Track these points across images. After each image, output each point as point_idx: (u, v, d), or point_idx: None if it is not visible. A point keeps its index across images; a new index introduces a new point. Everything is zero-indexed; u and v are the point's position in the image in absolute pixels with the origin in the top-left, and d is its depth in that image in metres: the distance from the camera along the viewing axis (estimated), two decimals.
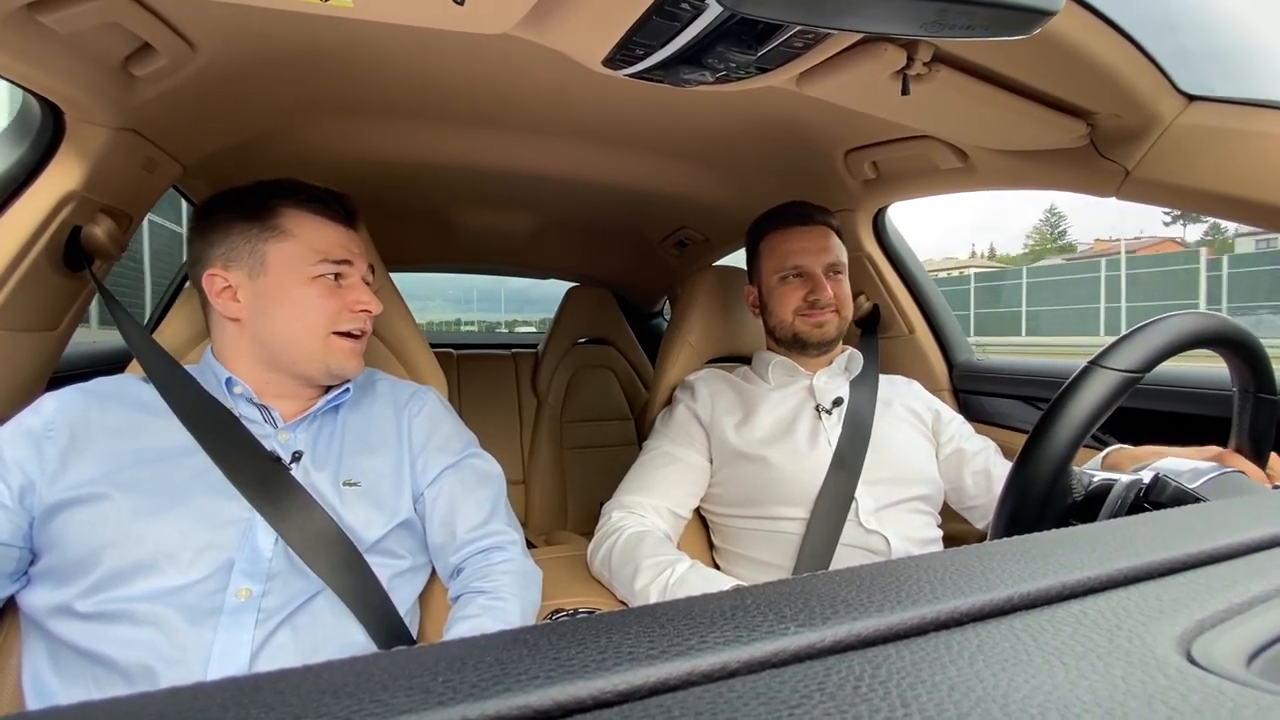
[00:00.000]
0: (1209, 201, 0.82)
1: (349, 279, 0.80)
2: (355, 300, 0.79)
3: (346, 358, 0.79)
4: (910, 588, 0.23)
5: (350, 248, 0.81)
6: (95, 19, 0.67)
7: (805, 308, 1.08)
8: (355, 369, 0.81)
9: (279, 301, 0.76)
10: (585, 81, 0.87)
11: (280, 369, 0.78)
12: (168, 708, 0.16)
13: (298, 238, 0.77)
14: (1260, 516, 0.32)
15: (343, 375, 0.80)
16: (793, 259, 1.09)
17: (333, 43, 0.85)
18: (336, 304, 0.78)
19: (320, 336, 0.77)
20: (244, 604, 0.65)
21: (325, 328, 0.77)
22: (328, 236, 0.79)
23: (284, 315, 0.76)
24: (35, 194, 0.79)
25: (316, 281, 0.77)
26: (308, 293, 0.77)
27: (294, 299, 0.76)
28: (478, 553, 0.82)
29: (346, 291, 0.79)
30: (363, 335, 0.81)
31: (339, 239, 0.80)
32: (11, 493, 0.64)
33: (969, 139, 1.00)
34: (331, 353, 0.78)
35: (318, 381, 0.80)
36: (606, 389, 2.10)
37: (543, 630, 0.21)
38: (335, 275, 0.79)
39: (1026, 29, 0.54)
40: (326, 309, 0.77)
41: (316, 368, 0.78)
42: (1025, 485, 0.51)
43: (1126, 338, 0.53)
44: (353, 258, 0.81)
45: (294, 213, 0.78)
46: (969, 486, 1.06)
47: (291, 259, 0.77)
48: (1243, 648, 0.21)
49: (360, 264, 0.82)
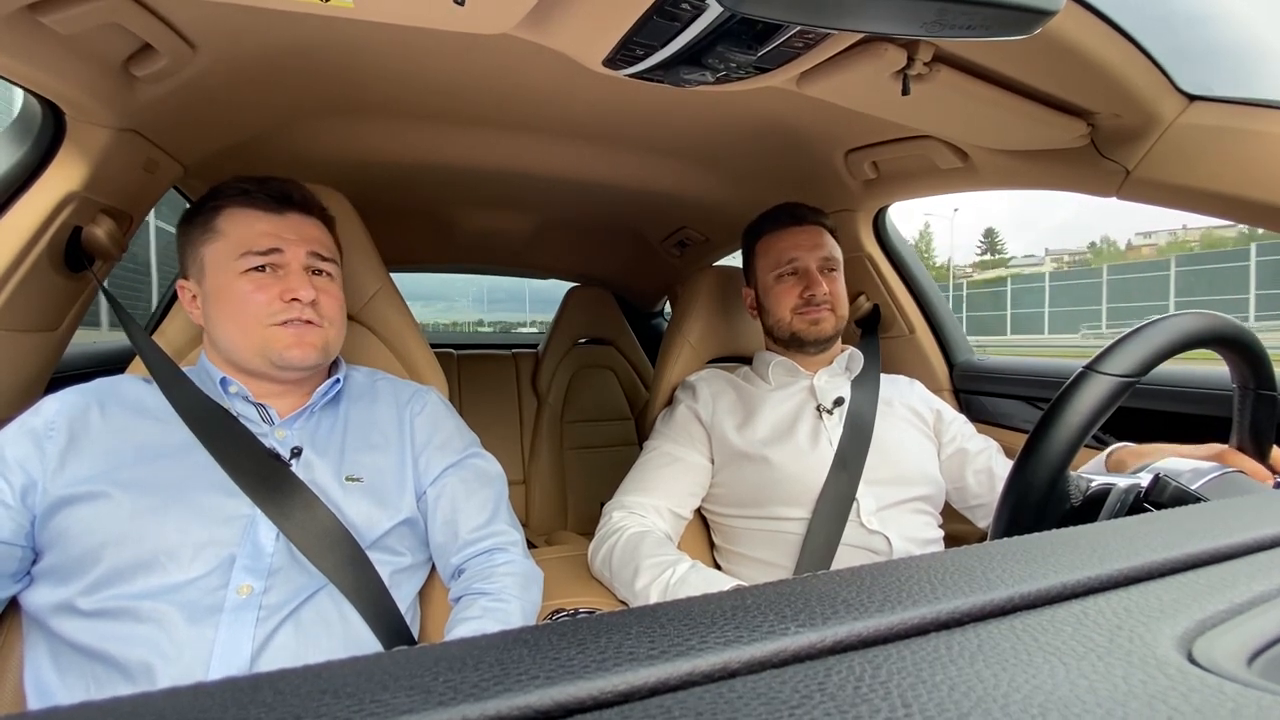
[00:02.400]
0: (1210, 201, 0.82)
1: (283, 268, 0.76)
2: (285, 289, 0.75)
3: (286, 347, 0.75)
4: (911, 588, 0.23)
5: (281, 234, 0.77)
6: (96, 19, 0.67)
7: (802, 305, 1.09)
8: (304, 358, 0.76)
9: (218, 302, 0.75)
10: (585, 82, 0.87)
11: (242, 369, 0.77)
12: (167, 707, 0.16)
13: (226, 235, 0.76)
14: (1261, 516, 0.32)
15: (292, 366, 0.76)
16: (787, 256, 1.10)
17: (333, 43, 0.85)
18: (266, 296, 0.74)
19: (257, 331, 0.74)
20: (245, 601, 0.65)
21: (261, 322, 0.74)
22: (252, 227, 0.76)
23: (224, 315, 0.75)
24: (36, 194, 0.79)
25: (246, 276, 0.74)
26: (239, 289, 0.74)
27: (229, 297, 0.74)
28: (480, 553, 0.82)
29: (279, 281, 0.75)
30: (306, 324, 0.76)
31: (265, 228, 0.76)
32: (14, 491, 0.65)
33: (969, 139, 1.00)
34: (270, 346, 0.74)
35: (277, 377, 0.78)
36: (607, 389, 2.10)
37: (543, 630, 0.21)
38: (265, 266, 0.75)
39: (1027, 29, 0.54)
40: (257, 302, 0.74)
41: (263, 363, 0.75)
42: (1023, 491, 0.51)
43: (1121, 342, 0.53)
44: (283, 244, 0.76)
45: (228, 210, 0.77)
46: (972, 486, 1.06)
47: (221, 258, 0.75)
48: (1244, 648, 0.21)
49: (295, 250, 0.77)
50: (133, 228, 0.98)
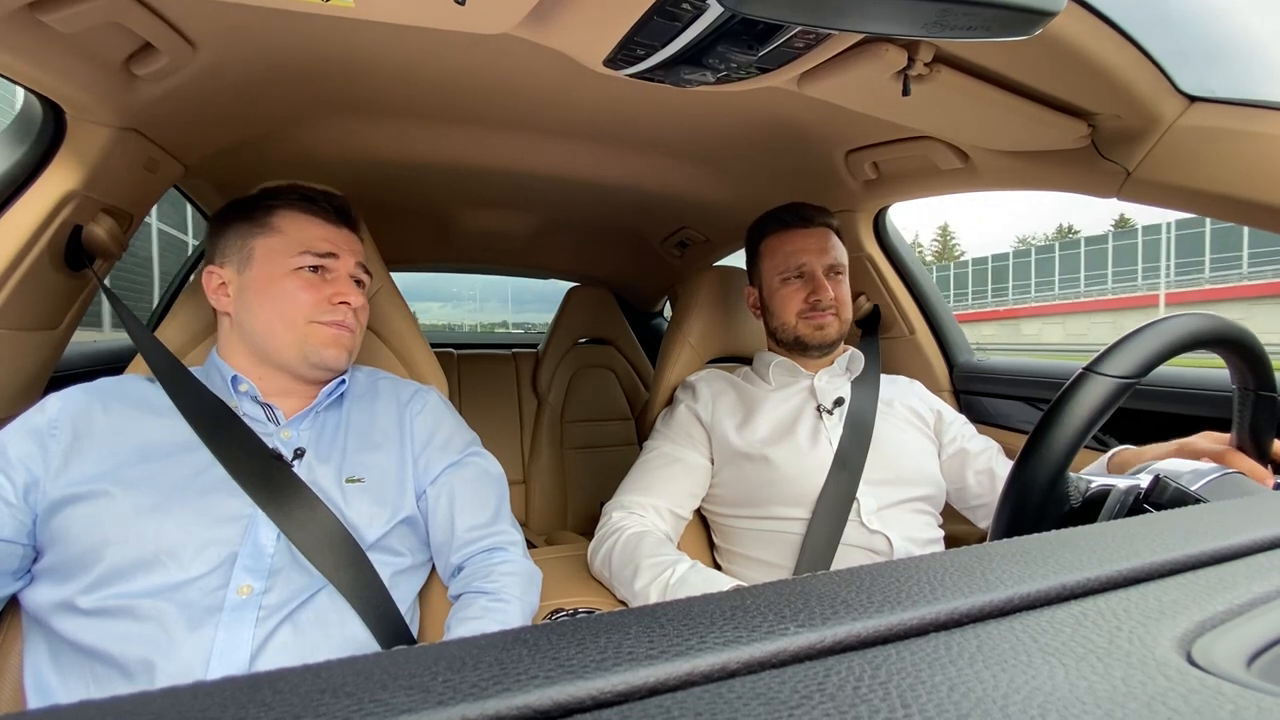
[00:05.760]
0: (1210, 202, 0.82)
1: (333, 273, 0.81)
2: (336, 293, 0.80)
3: (324, 345, 0.79)
4: (910, 588, 0.23)
5: (336, 243, 0.82)
6: (97, 18, 0.67)
7: (808, 310, 1.08)
8: (336, 359, 0.80)
9: (261, 293, 0.78)
10: (586, 82, 0.87)
11: (268, 361, 0.79)
12: (167, 706, 0.16)
13: (284, 233, 0.79)
14: (1261, 518, 0.32)
15: (324, 365, 0.79)
16: (794, 259, 1.09)
17: (334, 42, 0.85)
18: (316, 296, 0.79)
19: (299, 326, 0.78)
20: (245, 601, 0.65)
21: (304, 318, 0.78)
22: (312, 231, 0.81)
23: (265, 306, 0.78)
24: (36, 193, 0.79)
25: (297, 274, 0.78)
26: (288, 284, 0.78)
27: (275, 290, 0.78)
28: (480, 552, 0.82)
29: (328, 285, 0.80)
30: (344, 328, 0.81)
31: (323, 234, 0.81)
32: (16, 490, 0.65)
33: (970, 140, 1.00)
34: (309, 341, 0.78)
35: (302, 373, 0.80)
36: (607, 389, 2.10)
37: (543, 630, 0.21)
38: (317, 268, 0.80)
39: (1028, 29, 0.54)
40: (305, 300, 0.78)
41: (296, 357, 0.78)
42: (1023, 492, 0.51)
43: (1121, 343, 0.53)
44: (338, 251, 0.82)
45: (285, 212, 0.81)
46: (973, 486, 1.06)
47: (275, 252, 0.79)
48: (1243, 649, 0.21)
49: (347, 259, 0.83)
50: (133, 227, 0.98)
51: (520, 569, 0.82)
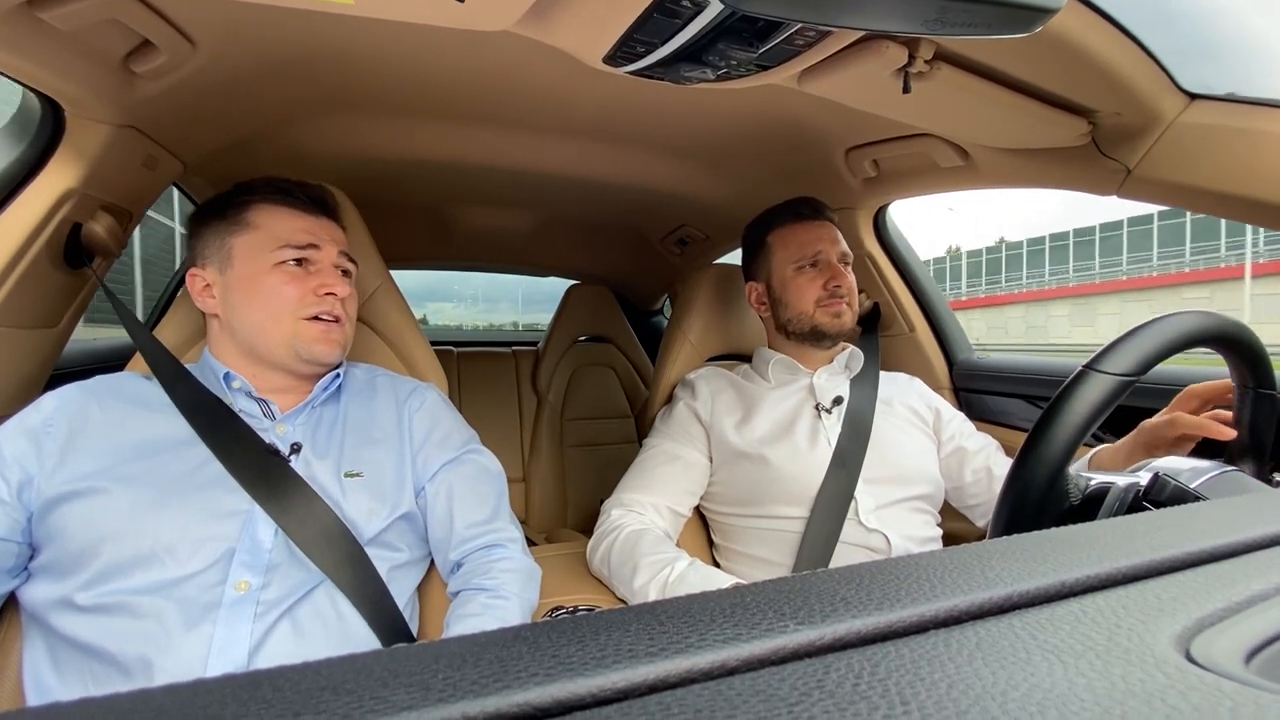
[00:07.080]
0: (1210, 200, 0.82)
1: (317, 264, 0.80)
2: (321, 284, 0.79)
3: (315, 341, 0.78)
4: (909, 586, 0.23)
5: (316, 233, 0.81)
6: (95, 15, 0.66)
7: (826, 297, 1.08)
8: (328, 354, 0.79)
9: (245, 292, 0.77)
10: (586, 79, 0.87)
11: (260, 360, 0.79)
12: (167, 704, 0.16)
13: (261, 228, 0.79)
14: (1259, 515, 0.32)
15: (316, 360, 0.79)
16: (810, 248, 1.09)
17: (333, 40, 0.85)
18: (301, 289, 0.78)
19: (288, 322, 0.77)
20: (243, 597, 0.65)
21: (292, 314, 0.77)
22: (290, 223, 0.80)
23: (252, 305, 0.77)
24: (35, 191, 0.79)
25: (280, 269, 0.78)
26: (271, 280, 0.77)
27: (259, 288, 0.77)
28: (479, 549, 0.82)
29: (312, 277, 0.79)
30: (335, 320, 0.80)
31: (302, 225, 0.80)
32: (9, 488, 0.65)
33: (970, 137, 1.00)
34: (300, 338, 0.77)
35: (295, 369, 0.80)
36: (607, 387, 2.10)
37: (542, 628, 0.21)
38: (299, 260, 0.79)
39: (1028, 26, 0.54)
40: (291, 294, 0.77)
41: (287, 354, 0.78)
42: (1022, 491, 0.51)
43: (1121, 340, 0.53)
44: (319, 242, 0.80)
45: (261, 206, 0.80)
46: (970, 485, 1.06)
47: (254, 249, 0.78)
48: (1241, 646, 0.21)
49: (329, 249, 0.82)
50: (132, 224, 0.98)
51: (519, 565, 0.82)
